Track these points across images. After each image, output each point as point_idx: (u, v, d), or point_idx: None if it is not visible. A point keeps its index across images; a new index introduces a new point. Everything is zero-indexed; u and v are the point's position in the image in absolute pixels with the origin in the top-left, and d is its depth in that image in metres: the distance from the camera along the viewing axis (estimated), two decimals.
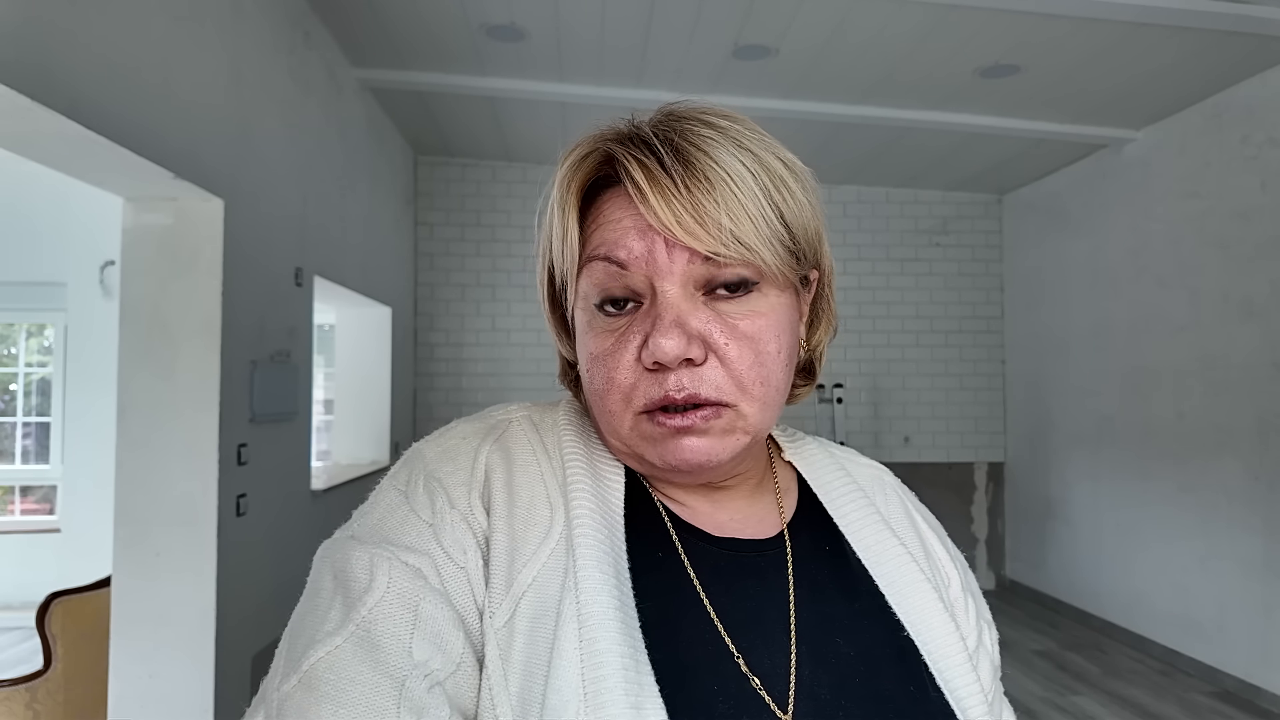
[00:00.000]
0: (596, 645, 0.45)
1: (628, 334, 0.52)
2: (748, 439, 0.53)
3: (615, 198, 0.54)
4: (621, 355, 0.52)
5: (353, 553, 0.49)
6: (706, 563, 0.55)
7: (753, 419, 0.53)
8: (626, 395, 0.52)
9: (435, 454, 0.55)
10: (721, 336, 0.51)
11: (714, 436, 0.52)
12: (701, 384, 0.51)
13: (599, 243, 0.53)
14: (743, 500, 0.60)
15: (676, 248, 0.51)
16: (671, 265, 0.51)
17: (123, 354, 2.34)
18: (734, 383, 0.51)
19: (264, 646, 2.66)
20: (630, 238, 0.52)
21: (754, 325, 0.52)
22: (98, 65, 1.83)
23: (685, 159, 0.50)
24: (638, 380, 0.51)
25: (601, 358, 0.53)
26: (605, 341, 0.53)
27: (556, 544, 0.50)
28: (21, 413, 5.21)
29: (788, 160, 0.54)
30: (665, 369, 0.50)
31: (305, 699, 0.42)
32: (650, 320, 0.51)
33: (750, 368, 0.52)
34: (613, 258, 0.52)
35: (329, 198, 3.43)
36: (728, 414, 0.52)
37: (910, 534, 0.64)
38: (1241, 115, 3.66)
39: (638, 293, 0.52)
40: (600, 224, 0.54)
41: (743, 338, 0.52)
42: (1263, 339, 3.54)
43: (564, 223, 0.54)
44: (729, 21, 3.23)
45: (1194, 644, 3.92)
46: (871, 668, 0.53)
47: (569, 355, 0.62)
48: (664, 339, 0.49)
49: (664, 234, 0.50)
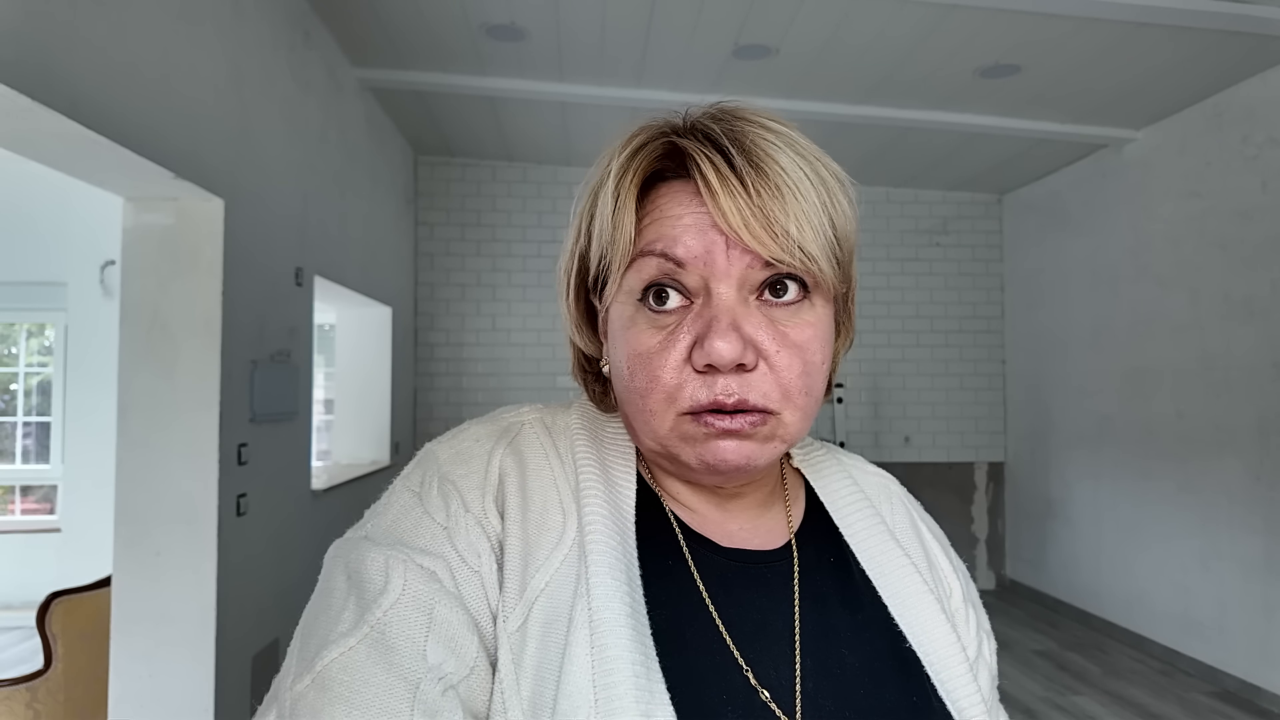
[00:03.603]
0: (608, 652, 0.45)
1: (676, 333, 0.51)
2: (784, 447, 0.53)
3: (674, 193, 0.53)
4: (668, 355, 0.51)
5: (367, 554, 0.49)
6: (714, 573, 0.55)
7: (792, 428, 0.52)
8: (671, 396, 0.51)
9: (449, 456, 0.55)
10: (773, 344, 0.51)
11: (756, 442, 0.51)
12: (751, 390, 0.50)
13: (655, 237, 0.52)
14: (753, 509, 0.60)
15: (737, 250, 0.50)
16: (730, 268, 0.50)
17: (123, 354, 2.34)
18: (780, 391, 0.51)
19: (264, 646, 2.66)
20: (690, 235, 0.51)
21: (803, 335, 0.52)
22: (98, 65, 1.83)
23: (754, 162, 0.50)
24: (684, 381, 0.50)
25: (647, 356, 0.51)
26: (651, 339, 0.51)
27: (569, 549, 0.50)
28: (22, 412, 5.21)
29: (836, 171, 0.54)
30: (715, 372, 0.50)
31: (319, 699, 0.42)
32: (704, 322, 0.50)
33: (798, 377, 0.51)
34: (670, 255, 0.51)
35: (329, 197, 3.43)
36: (771, 422, 0.51)
37: (914, 544, 0.64)
38: (1242, 115, 3.66)
39: (689, 291, 0.51)
40: (656, 218, 0.52)
41: (792, 346, 0.51)
42: (1263, 339, 3.54)
43: (620, 213, 0.52)
44: (729, 21, 3.23)
45: (1194, 644, 3.92)
46: (875, 679, 0.53)
47: (588, 349, 0.61)
48: (721, 342, 0.48)
49: (730, 236, 0.49)
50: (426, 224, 5.17)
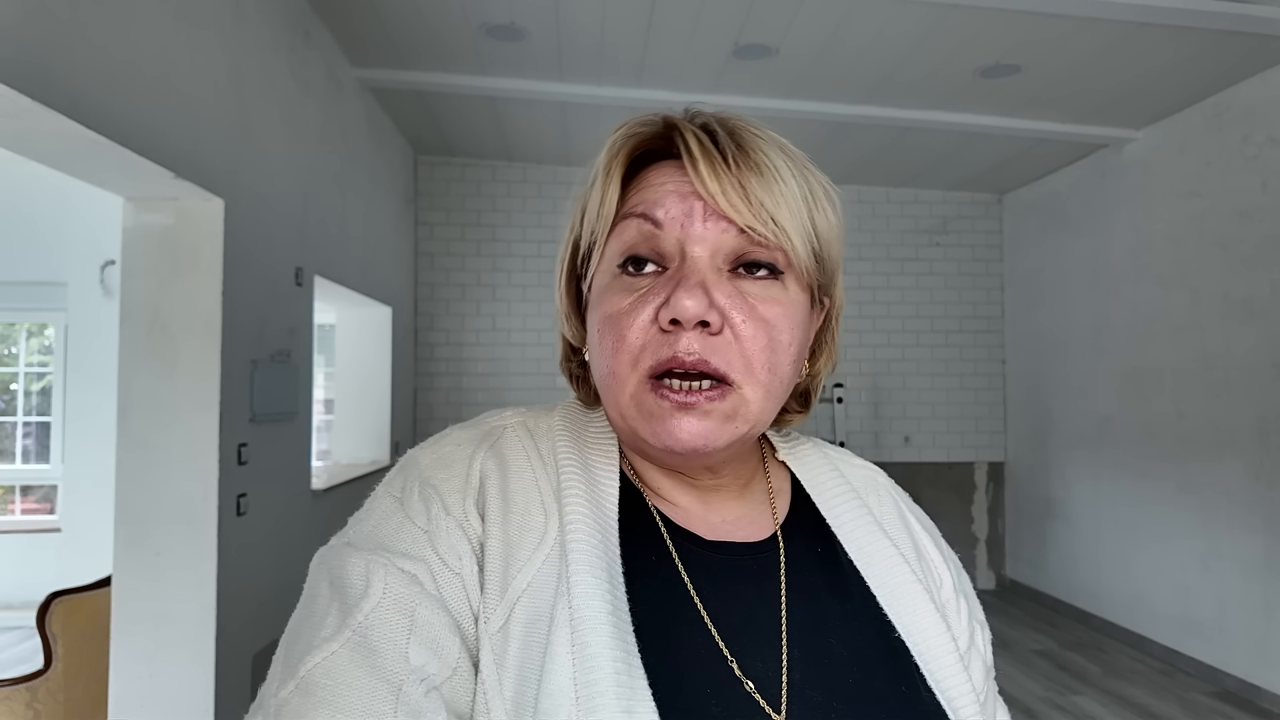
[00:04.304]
0: (588, 650, 0.46)
1: (648, 295, 0.52)
2: (746, 428, 0.53)
3: (662, 168, 0.55)
4: (637, 315, 0.52)
5: (349, 559, 0.49)
6: (700, 566, 0.55)
7: (754, 406, 0.53)
8: (635, 356, 0.52)
9: (430, 461, 0.55)
10: (739, 314, 0.52)
11: (714, 421, 0.51)
12: (713, 353, 0.51)
13: (637, 202, 0.55)
14: (734, 501, 0.60)
15: (713, 217, 0.52)
16: (705, 231, 0.52)
17: (123, 354, 2.34)
18: (743, 361, 0.51)
19: (264, 646, 2.67)
20: (670, 200, 0.53)
21: (772, 311, 0.53)
22: (98, 65, 1.83)
23: (739, 144, 0.53)
24: (648, 341, 0.51)
25: (616, 317, 0.53)
26: (623, 301, 0.53)
27: (551, 549, 0.51)
28: (22, 412, 5.21)
29: (822, 179, 0.56)
30: (680, 330, 0.50)
31: (302, 704, 0.43)
32: (674, 282, 0.51)
33: (762, 350, 0.52)
34: (649, 215, 0.53)
35: (329, 197, 3.43)
36: (732, 397, 0.52)
37: (903, 535, 0.64)
38: (1242, 115, 3.66)
39: (665, 256, 0.53)
40: (641, 188, 0.55)
41: (760, 320, 0.52)
42: (1263, 339, 3.54)
43: (605, 182, 0.55)
44: (729, 21, 3.23)
45: (1194, 644, 3.92)
46: (863, 669, 0.53)
47: (575, 338, 0.62)
48: (686, 297, 0.50)
49: (709, 200, 0.52)
50: (426, 224, 5.17)
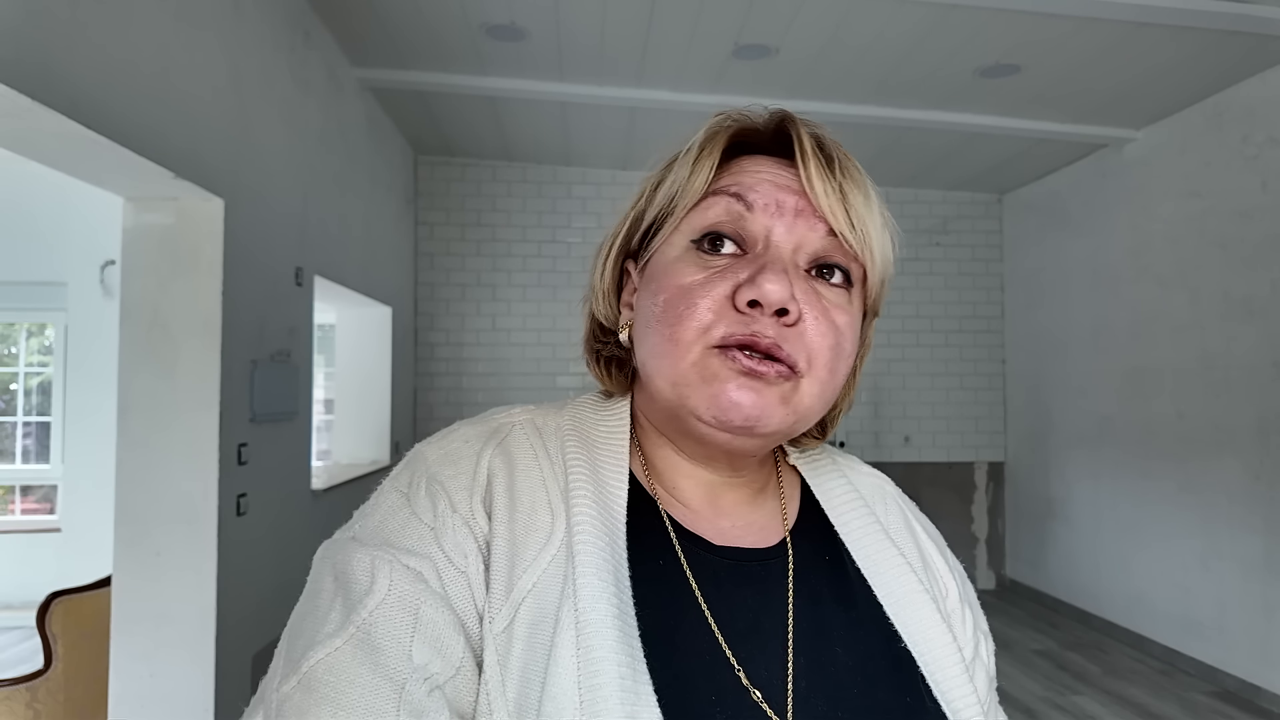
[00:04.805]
0: (593, 654, 0.45)
1: (725, 273, 0.52)
2: (794, 419, 0.53)
3: (756, 159, 0.56)
4: (712, 288, 0.52)
5: (354, 554, 0.49)
6: (707, 571, 0.54)
7: (807, 400, 0.53)
8: (704, 328, 0.51)
9: (437, 457, 0.55)
10: (813, 310, 0.52)
11: (772, 399, 0.51)
12: (785, 340, 0.51)
13: (730, 183, 0.54)
14: (746, 505, 0.60)
15: (805, 215, 0.53)
16: (795, 225, 0.53)
17: (123, 354, 2.34)
18: (809, 356, 0.52)
19: (264, 646, 2.67)
20: (765, 187, 0.54)
21: (841, 318, 0.54)
22: (98, 65, 1.83)
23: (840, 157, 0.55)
24: (721, 317, 0.51)
25: (688, 288, 0.52)
26: (696, 274, 0.53)
27: (557, 550, 0.50)
28: (22, 412, 5.21)
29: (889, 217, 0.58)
30: (758, 313, 0.50)
31: (304, 700, 0.42)
32: (756, 266, 0.51)
33: (828, 349, 0.52)
34: (743, 196, 0.53)
35: (329, 197, 3.43)
36: (793, 383, 0.52)
37: (909, 544, 0.64)
38: (1242, 115, 3.66)
39: (747, 240, 0.53)
40: (734, 172, 0.55)
41: (830, 322, 0.53)
42: (1263, 339, 3.54)
43: (701, 158, 0.55)
44: (729, 21, 3.23)
45: (1194, 644, 3.92)
46: (868, 679, 0.53)
47: (606, 317, 0.62)
48: (773, 281, 0.50)
49: (810, 196, 0.53)
50: (426, 224, 5.17)
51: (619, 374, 0.63)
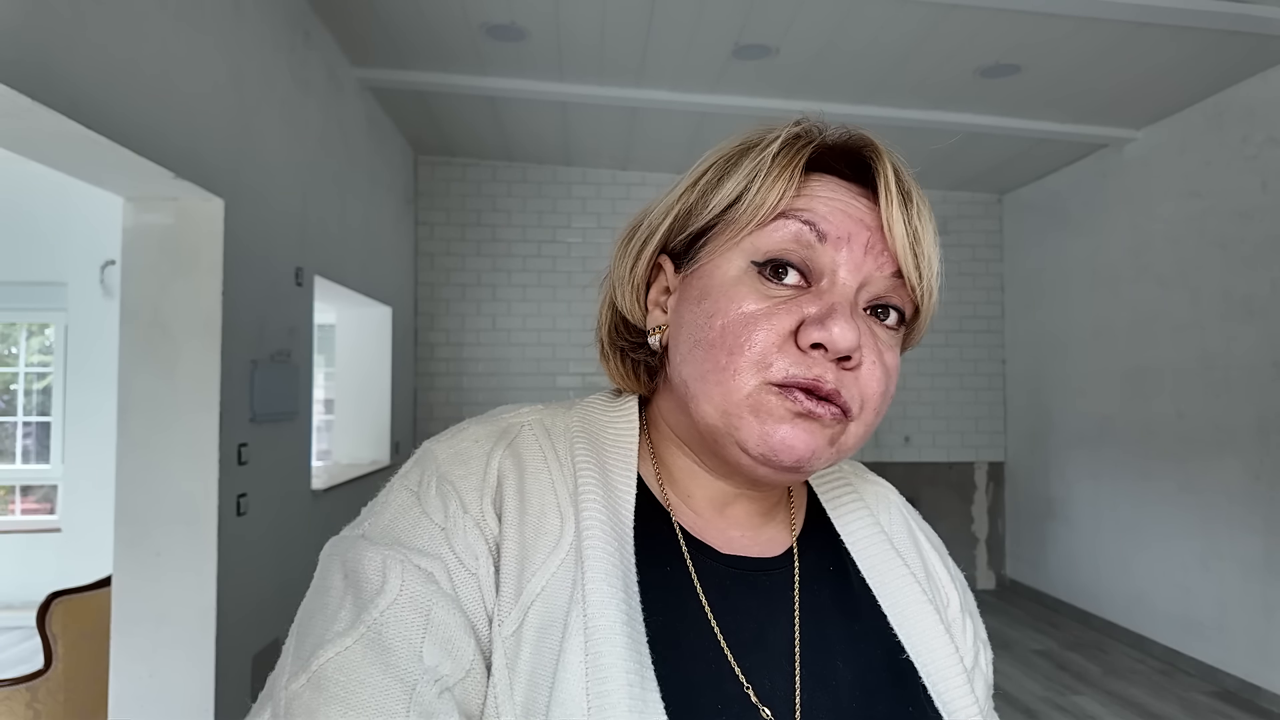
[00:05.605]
0: (602, 659, 0.45)
1: (788, 306, 0.50)
2: (836, 458, 0.53)
3: (827, 181, 0.54)
4: (775, 322, 0.50)
5: (365, 553, 0.48)
6: (714, 580, 0.54)
7: (850, 441, 0.52)
8: (762, 362, 0.50)
9: (448, 456, 0.54)
10: (871, 354, 0.51)
11: (823, 440, 0.51)
12: (844, 386, 0.50)
13: (804, 206, 0.52)
14: (755, 515, 0.59)
15: (876, 252, 0.52)
16: (864, 260, 0.52)
17: (123, 354, 2.34)
18: (861, 400, 0.51)
19: (264, 646, 2.67)
20: (839, 218, 0.52)
21: (892, 360, 0.53)
22: (98, 65, 1.83)
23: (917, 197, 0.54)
24: (782, 353, 0.50)
25: (750, 317, 0.50)
26: (759, 303, 0.51)
27: (566, 554, 0.50)
28: (22, 412, 5.21)
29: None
30: (820, 354, 0.49)
31: (314, 699, 0.42)
32: (826, 305, 0.50)
33: (879, 395, 0.52)
34: (817, 226, 0.51)
35: (329, 197, 3.43)
36: (842, 425, 0.51)
37: (912, 553, 0.64)
38: (1242, 115, 3.66)
39: (814, 272, 0.52)
40: (807, 194, 0.53)
41: (884, 365, 0.52)
42: (1263, 339, 3.54)
43: (779, 173, 0.52)
44: (729, 21, 3.23)
45: (1194, 644, 3.92)
46: (869, 691, 0.53)
47: (632, 313, 0.60)
48: (845, 327, 0.48)
49: (887, 235, 0.52)
50: (426, 224, 5.17)
51: (635, 371, 0.62)
